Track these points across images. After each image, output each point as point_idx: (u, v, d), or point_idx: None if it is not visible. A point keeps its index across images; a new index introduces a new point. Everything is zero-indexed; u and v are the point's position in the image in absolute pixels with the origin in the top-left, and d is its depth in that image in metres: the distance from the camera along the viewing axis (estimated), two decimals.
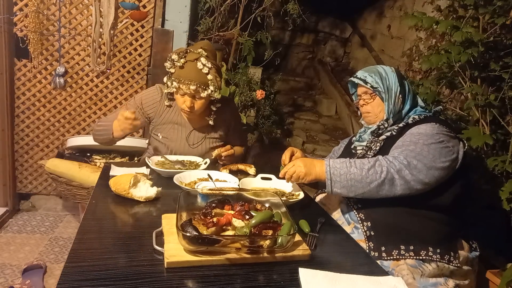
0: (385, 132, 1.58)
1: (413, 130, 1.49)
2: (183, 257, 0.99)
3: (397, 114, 1.59)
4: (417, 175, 1.33)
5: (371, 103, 1.62)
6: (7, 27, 2.70)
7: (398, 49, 4.66)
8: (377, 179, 1.32)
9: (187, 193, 1.23)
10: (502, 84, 2.07)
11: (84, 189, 2.50)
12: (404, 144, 1.43)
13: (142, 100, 1.90)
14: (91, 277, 0.90)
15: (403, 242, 1.40)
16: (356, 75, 1.66)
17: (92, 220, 1.21)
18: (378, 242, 1.40)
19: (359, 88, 1.66)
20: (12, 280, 2.21)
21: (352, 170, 1.34)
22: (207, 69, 1.71)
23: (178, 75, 1.72)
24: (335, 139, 4.49)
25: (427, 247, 1.40)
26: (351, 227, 1.47)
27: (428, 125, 1.48)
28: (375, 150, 1.55)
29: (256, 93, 3.47)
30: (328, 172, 1.35)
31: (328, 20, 6.12)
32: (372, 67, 1.67)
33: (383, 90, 1.58)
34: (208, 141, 1.95)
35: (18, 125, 2.90)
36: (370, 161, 1.36)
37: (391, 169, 1.33)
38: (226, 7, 3.25)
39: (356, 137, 1.74)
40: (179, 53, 1.72)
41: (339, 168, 1.35)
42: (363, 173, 1.33)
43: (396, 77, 1.60)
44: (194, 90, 1.71)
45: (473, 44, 2.03)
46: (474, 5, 2.09)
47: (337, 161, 1.38)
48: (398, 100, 1.58)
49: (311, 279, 0.97)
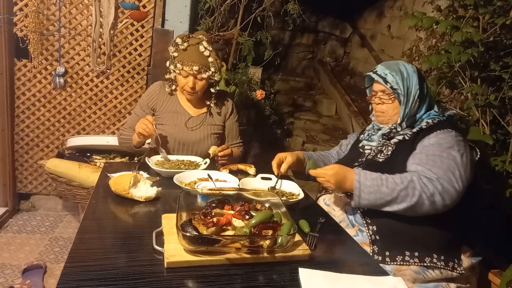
0: (397, 136, 1.52)
1: (432, 140, 1.42)
2: (183, 257, 0.99)
3: (411, 118, 1.53)
4: (447, 201, 1.30)
5: (387, 104, 1.54)
6: (7, 27, 2.70)
7: (398, 49, 4.66)
8: (407, 201, 1.29)
9: (187, 193, 1.23)
10: (502, 84, 2.07)
11: (84, 189, 2.50)
12: (430, 157, 1.37)
13: (144, 96, 2.06)
14: (91, 277, 0.90)
15: (408, 248, 1.38)
16: (376, 71, 1.55)
17: (92, 220, 1.21)
18: (382, 246, 1.38)
19: (376, 84, 1.57)
20: (12, 280, 2.21)
21: (383, 190, 1.30)
22: (208, 52, 1.88)
23: (181, 57, 1.87)
24: (335, 139, 4.49)
25: (432, 254, 1.38)
26: (355, 230, 1.44)
27: (446, 134, 1.42)
28: (386, 154, 1.49)
29: (256, 93, 3.47)
30: (358, 188, 1.31)
31: (328, 20, 6.12)
32: (393, 64, 1.56)
33: (402, 92, 1.49)
34: (206, 127, 2.02)
35: (18, 125, 2.90)
36: (403, 181, 1.30)
37: (424, 194, 1.29)
38: (226, 7, 3.24)
39: (365, 135, 1.68)
40: (183, 37, 1.89)
41: (370, 186, 1.31)
42: (394, 194, 1.29)
43: (417, 79, 1.51)
44: (196, 70, 1.85)
45: (473, 44, 2.03)
46: (474, 5, 2.09)
47: (368, 177, 1.33)
48: (415, 104, 1.51)
49: (311, 279, 0.97)
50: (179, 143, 1.97)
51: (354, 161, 1.59)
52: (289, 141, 4.37)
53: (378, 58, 5.22)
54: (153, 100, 2.02)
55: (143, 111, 2.02)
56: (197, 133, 2.00)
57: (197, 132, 2.00)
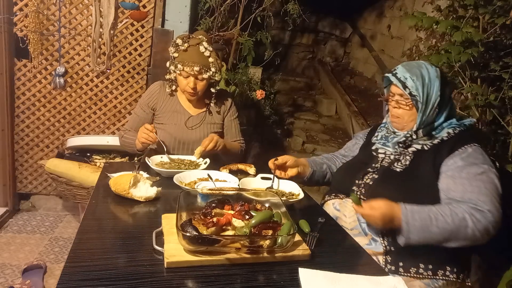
0: (415, 144, 1.46)
1: (465, 160, 1.35)
2: (183, 257, 0.99)
3: (428, 125, 1.44)
4: (496, 229, 1.27)
5: (403, 109, 1.46)
6: (7, 27, 2.70)
7: (398, 49, 4.66)
8: (459, 241, 1.26)
9: (187, 193, 1.23)
10: (502, 84, 2.07)
11: (84, 189, 2.50)
12: (472, 182, 1.31)
13: (144, 96, 2.06)
14: (91, 277, 0.90)
15: (423, 260, 1.34)
16: (396, 73, 1.46)
17: (92, 220, 1.21)
18: (397, 257, 1.34)
19: (395, 87, 1.47)
20: (12, 280, 2.21)
21: (433, 230, 1.25)
22: (208, 52, 1.88)
23: (182, 58, 1.87)
24: (335, 139, 4.49)
25: (445, 267, 1.35)
26: (368, 239, 1.39)
27: (476, 151, 1.37)
28: (405, 164, 1.43)
29: (256, 93, 3.47)
30: (406, 230, 1.25)
31: (328, 20, 6.13)
32: (415, 66, 1.45)
33: (421, 100, 1.40)
34: (206, 126, 2.03)
35: (18, 125, 2.90)
36: (454, 220, 1.24)
37: (477, 232, 1.25)
38: (226, 7, 3.24)
39: (377, 137, 1.60)
40: (183, 37, 1.88)
41: (419, 226, 1.24)
42: (445, 234, 1.25)
43: (439, 85, 1.41)
44: (197, 71, 1.85)
45: (473, 44, 2.03)
46: (474, 5, 2.09)
47: (416, 216, 1.25)
48: (433, 111, 1.42)
49: (311, 279, 0.97)
50: (179, 142, 1.98)
51: (368, 166, 1.52)
52: (289, 141, 4.37)
53: (378, 58, 5.23)
54: (153, 100, 2.03)
55: (143, 111, 2.03)
56: (197, 132, 2.00)
57: (197, 131, 2.01)
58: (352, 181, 1.50)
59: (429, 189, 1.37)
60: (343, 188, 1.54)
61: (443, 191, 1.36)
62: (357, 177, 1.50)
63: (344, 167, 1.69)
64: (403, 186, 1.39)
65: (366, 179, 1.48)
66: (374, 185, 1.44)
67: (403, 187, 1.39)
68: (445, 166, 1.38)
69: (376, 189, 1.42)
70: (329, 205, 1.56)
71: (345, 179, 1.56)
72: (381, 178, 1.44)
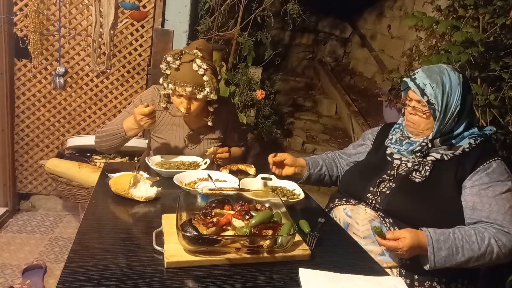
0: (433, 153, 1.40)
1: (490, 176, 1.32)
2: (183, 257, 0.99)
3: (446, 134, 1.38)
4: None
5: (420, 117, 1.39)
6: (7, 27, 2.70)
7: (398, 49, 4.66)
8: (483, 263, 1.25)
9: (187, 193, 1.23)
10: (502, 84, 2.07)
11: (84, 189, 2.50)
12: (498, 201, 1.29)
13: (142, 100, 1.89)
14: (91, 277, 0.90)
15: (438, 274, 1.31)
16: (415, 78, 1.37)
17: (92, 220, 1.21)
18: (412, 270, 1.32)
19: (413, 92, 1.39)
20: (12, 280, 2.21)
21: (458, 258, 1.23)
22: (202, 71, 1.69)
23: (173, 77, 1.70)
24: (335, 139, 4.49)
25: (458, 279, 1.34)
26: (381, 249, 1.33)
27: (499, 166, 1.34)
28: (424, 175, 1.36)
29: (256, 93, 3.47)
30: (432, 260, 1.23)
31: (328, 20, 6.13)
32: (437, 71, 1.36)
33: (439, 109, 1.33)
34: (206, 142, 1.95)
35: (18, 125, 2.90)
36: (481, 247, 1.23)
37: (501, 256, 1.24)
38: (226, 7, 3.25)
39: (392, 140, 1.53)
40: (174, 54, 1.69)
41: (445, 256, 1.22)
42: (471, 262, 1.24)
43: (461, 92, 1.34)
44: (190, 92, 1.69)
45: (473, 44, 2.03)
46: (474, 5, 2.09)
47: (442, 246, 1.22)
48: (452, 121, 1.36)
49: (311, 279, 0.97)
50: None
51: (383, 172, 1.46)
52: (289, 141, 4.37)
53: (378, 58, 5.23)
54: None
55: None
56: (196, 150, 1.93)
57: (197, 149, 1.93)
58: (366, 188, 1.44)
59: (450, 203, 1.33)
60: (355, 193, 1.48)
61: (468, 209, 1.32)
62: (371, 184, 1.44)
63: (355, 171, 1.61)
64: (424, 198, 1.34)
65: (382, 187, 1.41)
66: (391, 195, 1.38)
67: (423, 199, 1.34)
68: (469, 181, 1.34)
69: (393, 199, 1.37)
70: (339, 210, 1.49)
71: (358, 185, 1.49)
72: (398, 188, 1.38)
